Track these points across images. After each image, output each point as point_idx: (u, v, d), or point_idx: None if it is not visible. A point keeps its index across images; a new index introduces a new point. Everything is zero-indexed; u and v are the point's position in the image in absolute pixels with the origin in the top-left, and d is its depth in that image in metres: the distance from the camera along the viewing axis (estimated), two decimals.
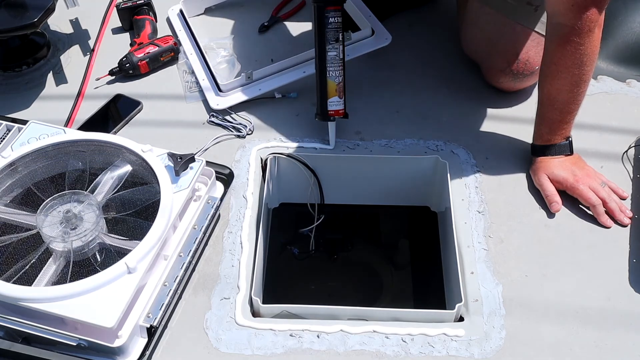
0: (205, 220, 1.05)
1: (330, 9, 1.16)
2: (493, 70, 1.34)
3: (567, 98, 1.12)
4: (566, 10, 1.04)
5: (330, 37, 1.17)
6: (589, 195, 1.13)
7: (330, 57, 1.18)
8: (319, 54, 1.19)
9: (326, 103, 1.20)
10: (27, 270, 0.90)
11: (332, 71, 1.19)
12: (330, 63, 1.19)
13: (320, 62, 1.19)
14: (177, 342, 0.98)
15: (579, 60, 1.08)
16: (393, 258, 1.45)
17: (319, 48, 1.19)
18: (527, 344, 0.98)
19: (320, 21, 1.17)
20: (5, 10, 1.34)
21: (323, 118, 1.22)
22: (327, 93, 1.20)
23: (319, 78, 1.21)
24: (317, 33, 1.18)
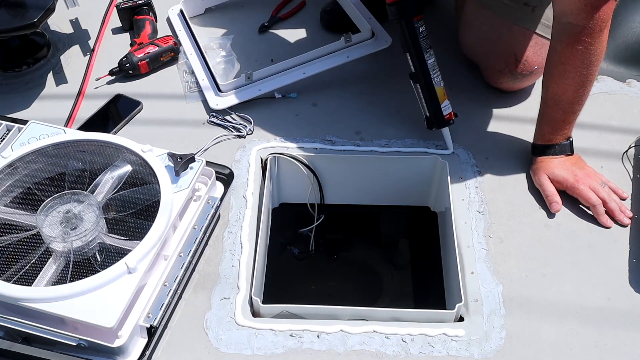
0: (205, 220, 1.05)
1: (417, 19, 1.17)
2: (492, 71, 1.34)
3: (572, 98, 1.12)
4: (578, 10, 1.03)
5: (425, 45, 1.18)
6: (589, 195, 1.13)
7: (431, 64, 1.19)
8: (420, 65, 1.19)
9: (441, 109, 1.20)
10: (27, 270, 0.90)
11: (436, 77, 1.20)
12: (432, 70, 1.19)
13: (425, 73, 1.19)
14: (177, 342, 0.98)
15: (588, 60, 1.07)
16: (393, 258, 1.45)
17: (418, 59, 1.19)
18: (527, 344, 0.98)
19: (412, 34, 1.17)
20: (5, 10, 1.34)
21: (441, 125, 1.22)
22: (438, 99, 1.20)
23: (427, 88, 1.20)
24: (413, 45, 1.18)
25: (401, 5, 1.16)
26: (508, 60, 1.29)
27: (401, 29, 1.18)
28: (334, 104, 1.35)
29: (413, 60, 1.20)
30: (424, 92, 1.21)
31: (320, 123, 1.31)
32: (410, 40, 1.18)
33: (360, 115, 1.33)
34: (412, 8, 1.16)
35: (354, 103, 1.36)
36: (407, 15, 1.16)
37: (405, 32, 1.17)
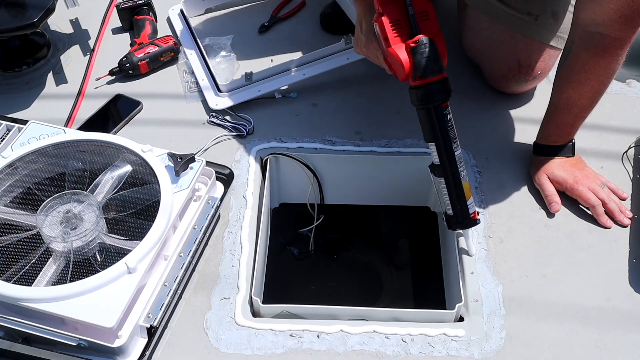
0: (205, 220, 1.05)
1: (445, 105, 1.00)
2: (495, 76, 1.34)
3: (586, 104, 1.11)
4: (611, 22, 0.99)
5: (452, 135, 1.01)
6: (589, 196, 1.13)
7: (458, 155, 1.02)
8: (448, 157, 1.02)
9: (467, 207, 1.04)
10: (27, 270, 0.90)
11: (462, 170, 1.03)
12: (460, 163, 1.02)
13: (451, 166, 1.02)
14: (177, 342, 0.98)
15: (612, 69, 1.06)
16: (393, 258, 1.45)
17: (446, 150, 1.01)
18: (527, 344, 0.98)
19: (441, 122, 1.00)
20: (5, 10, 1.34)
21: (466, 225, 1.05)
22: (465, 196, 1.03)
23: (454, 183, 1.03)
24: (441, 135, 1.01)
25: (430, 89, 0.98)
26: (511, 66, 1.29)
27: (427, 115, 1.00)
28: (334, 104, 1.35)
29: (440, 151, 1.02)
30: (449, 187, 1.03)
31: (320, 123, 1.31)
32: (439, 129, 1.00)
33: (360, 116, 1.33)
34: (442, 92, 0.99)
35: (354, 103, 1.36)
36: (436, 100, 0.99)
37: (433, 120, 1.00)
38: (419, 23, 0.98)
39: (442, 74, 0.98)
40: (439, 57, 0.97)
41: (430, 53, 0.97)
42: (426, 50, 0.96)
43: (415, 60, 0.97)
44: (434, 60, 0.97)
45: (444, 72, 0.98)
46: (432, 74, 0.97)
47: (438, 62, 0.97)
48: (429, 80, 0.97)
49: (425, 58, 0.96)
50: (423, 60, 0.97)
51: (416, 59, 0.97)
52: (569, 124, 1.15)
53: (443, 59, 0.99)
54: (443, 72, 0.98)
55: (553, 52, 1.26)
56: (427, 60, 0.97)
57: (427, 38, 0.97)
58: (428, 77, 0.97)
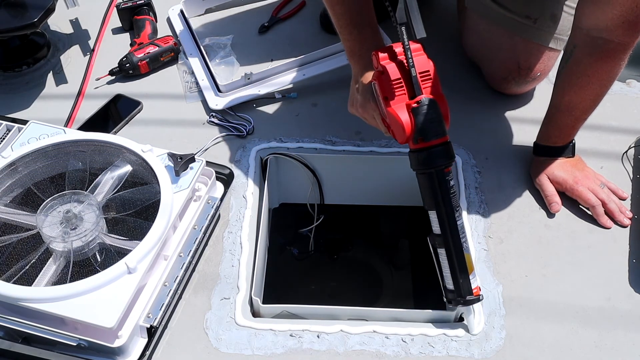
0: (205, 220, 1.05)
1: (447, 170, 0.93)
2: (494, 77, 1.34)
3: (587, 106, 1.11)
4: (615, 27, 0.99)
5: (455, 203, 0.94)
6: (588, 197, 1.13)
7: (460, 225, 0.95)
8: (450, 227, 0.94)
9: (469, 282, 0.95)
10: (27, 270, 0.90)
11: (465, 242, 0.95)
12: (462, 233, 0.95)
13: (454, 237, 0.94)
14: (177, 342, 0.98)
15: (615, 74, 1.06)
16: (393, 258, 1.45)
17: (448, 219, 0.94)
18: (527, 344, 0.98)
19: (443, 188, 0.93)
20: (5, 10, 1.34)
21: (467, 302, 0.96)
22: (467, 270, 0.95)
23: (457, 255, 0.95)
24: (442, 203, 0.93)
25: (432, 153, 0.92)
26: (511, 68, 1.29)
27: (428, 181, 0.94)
28: (334, 104, 1.35)
29: (441, 220, 0.94)
30: (450, 260, 0.95)
31: (320, 123, 1.31)
32: (441, 196, 0.93)
33: None
34: (445, 156, 0.92)
35: None
36: (438, 165, 0.92)
37: (434, 186, 0.93)
38: (421, 83, 0.93)
39: (444, 137, 0.92)
40: (442, 119, 0.92)
41: (433, 114, 0.92)
42: (429, 112, 0.91)
43: (417, 121, 0.92)
44: (436, 122, 0.92)
45: (447, 136, 0.93)
46: (435, 136, 0.92)
47: (441, 124, 0.92)
48: (431, 144, 0.92)
49: (428, 120, 0.91)
50: (425, 122, 0.91)
51: (418, 120, 0.91)
52: (570, 126, 1.15)
53: (446, 121, 0.94)
54: (446, 135, 0.93)
55: (552, 54, 1.26)
56: (430, 122, 0.92)
57: (429, 99, 0.92)
58: (430, 139, 0.92)
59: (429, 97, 0.92)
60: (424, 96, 0.92)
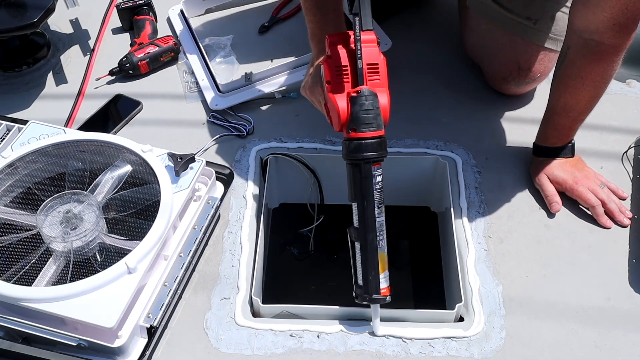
0: (205, 220, 1.05)
1: (376, 165, 0.92)
2: (495, 77, 1.35)
3: (583, 108, 1.11)
4: (606, 29, 0.99)
5: (378, 199, 0.93)
6: (588, 197, 1.13)
7: (379, 223, 0.94)
8: (367, 221, 0.93)
9: (379, 280, 0.95)
10: (27, 270, 0.90)
11: (382, 240, 0.94)
12: (379, 231, 0.94)
13: (369, 232, 0.93)
14: (177, 342, 0.98)
15: (608, 75, 1.06)
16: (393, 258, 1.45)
17: (366, 214, 0.93)
18: (527, 344, 0.98)
19: (367, 182, 0.92)
20: (5, 10, 1.34)
21: (373, 300, 0.95)
22: (379, 268, 0.94)
23: (370, 251, 0.94)
24: (363, 196, 0.93)
25: (361, 144, 0.90)
26: (511, 68, 1.29)
27: (354, 172, 0.93)
28: None
29: (360, 213, 0.94)
30: (363, 255, 0.94)
31: (320, 123, 1.30)
32: (364, 189, 0.92)
33: None
34: (375, 150, 0.91)
35: None
36: (366, 158, 0.91)
37: (359, 178, 0.92)
38: (367, 75, 0.92)
39: (378, 131, 0.91)
40: (379, 114, 0.91)
41: (370, 107, 0.90)
42: (366, 103, 0.90)
43: (353, 111, 0.91)
44: (372, 115, 0.90)
45: (382, 131, 0.91)
46: (367, 128, 0.90)
47: (376, 117, 0.91)
48: (362, 135, 0.90)
49: (364, 111, 0.90)
50: (361, 113, 0.90)
51: (354, 109, 0.91)
52: (567, 127, 1.15)
53: (385, 116, 0.92)
54: (381, 129, 0.91)
55: (553, 55, 1.27)
56: (365, 114, 0.90)
57: (370, 91, 0.91)
58: (362, 131, 0.90)
59: (370, 90, 0.91)
60: (366, 87, 0.91)
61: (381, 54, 0.94)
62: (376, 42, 0.94)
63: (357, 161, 0.92)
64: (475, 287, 1.04)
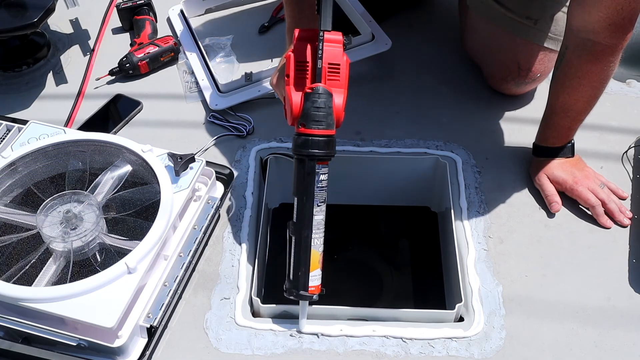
0: (205, 220, 1.05)
1: (322, 163, 0.93)
2: (495, 77, 1.35)
3: (582, 108, 1.11)
4: (602, 29, 1.00)
5: (319, 198, 0.94)
6: (588, 197, 1.13)
7: (317, 221, 0.94)
8: (304, 218, 0.94)
9: (308, 278, 0.95)
10: (27, 270, 0.90)
11: (317, 238, 0.95)
12: (316, 229, 0.94)
13: (305, 229, 0.94)
14: (177, 342, 0.98)
15: (606, 75, 1.06)
16: (393, 258, 1.45)
17: (305, 210, 0.94)
18: (527, 344, 0.98)
19: (309, 178, 0.93)
20: (5, 10, 1.34)
21: (300, 297, 0.95)
22: (309, 265, 0.95)
23: (303, 247, 0.94)
24: (304, 191, 0.94)
25: (308, 141, 0.91)
26: (511, 68, 1.29)
27: (298, 166, 0.94)
28: None
29: (299, 208, 0.95)
30: (297, 249, 0.95)
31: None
32: (306, 185, 0.93)
33: (360, 116, 1.33)
34: (321, 148, 0.91)
35: (354, 103, 1.35)
36: (311, 155, 0.91)
37: (302, 173, 0.93)
38: (326, 74, 0.92)
39: (327, 130, 0.91)
40: (331, 113, 0.91)
41: (322, 105, 0.91)
42: (319, 101, 0.91)
43: (305, 107, 0.91)
44: (323, 113, 0.91)
45: (332, 130, 0.92)
46: (316, 125, 0.91)
47: (328, 117, 0.91)
48: (310, 132, 0.91)
49: (315, 108, 0.91)
50: (312, 109, 0.91)
51: (306, 105, 0.91)
52: (566, 127, 1.15)
53: (338, 117, 0.93)
54: (331, 129, 0.92)
55: (553, 55, 1.26)
56: (316, 111, 0.91)
57: (325, 89, 0.91)
58: (311, 127, 0.91)
59: (326, 89, 0.92)
60: (322, 85, 0.91)
61: (345, 55, 0.94)
62: (342, 44, 0.94)
63: (302, 157, 0.93)
64: (475, 287, 1.04)
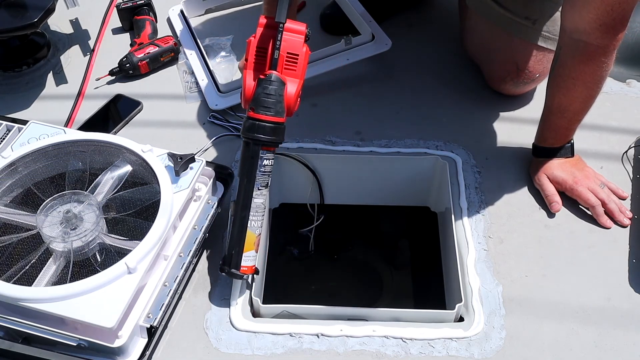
0: (205, 220, 1.05)
1: (267, 149, 0.96)
2: (493, 78, 1.35)
3: (578, 109, 1.12)
4: (593, 30, 1.00)
5: (260, 182, 0.97)
6: (588, 196, 1.13)
7: (256, 204, 0.98)
8: (244, 198, 0.97)
9: (241, 257, 0.98)
10: (27, 271, 0.90)
11: (255, 221, 0.98)
12: (254, 211, 0.98)
13: (243, 209, 0.97)
14: (177, 342, 0.98)
15: (599, 76, 1.06)
16: (393, 258, 1.45)
17: (245, 192, 0.97)
18: (527, 344, 0.98)
19: (252, 161, 0.96)
20: (5, 10, 1.34)
21: (232, 274, 0.99)
22: (243, 246, 0.98)
23: (238, 226, 0.98)
24: (246, 174, 0.97)
25: (255, 125, 0.94)
26: (510, 68, 1.29)
27: (244, 149, 0.96)
28: (334, 104, 1.35)
29: (239, 189, 0.98)
30: (233, 228, 0.99)
31: (320, 123, 1.31)
32: (248, 167, 0.96)
33: (360, 116, 1.33)
34: (267, 134, 0.94)
35: (354, 104, 1.36)
36: (256, 139, 0.94)
37: (246, 156, 0.96)
38: (283, 63, 0.95)
39: (276, 117, 0.94)
40: (281, 101, 0.94)
41: (273, 92, 0.93)
42: (270, 87, 0.93)
43: (256, 92, 0.94)
44: (272, 101, 0.93)
45: (281, 118, 0.94)
46: (264, 112, 0.93)
47: (277, 104, 0.93)
48: (258, 116, 0.93)
49: (266, 94, 0.93)
50: (262, 95, 0.93)
51: (257, 90, 0.94)
52: (564, 127, 1.15)
53: (289, 105, 0.95)
54: (280, 117, 0.94)
55: (551, 56, 1.26)
56: (266, 97, 0.93)
57: (278, 77, 0.93)
58: (259, 112, 0.93)
59: (279, 77, 0.94)
60: (275, 73, 0.93)
61: (305, 47, 0.96)
62: (304, 35, 0.96)
63: (248, 140, 0.95)
64: (475, 287, 1.04)
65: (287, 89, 0.94)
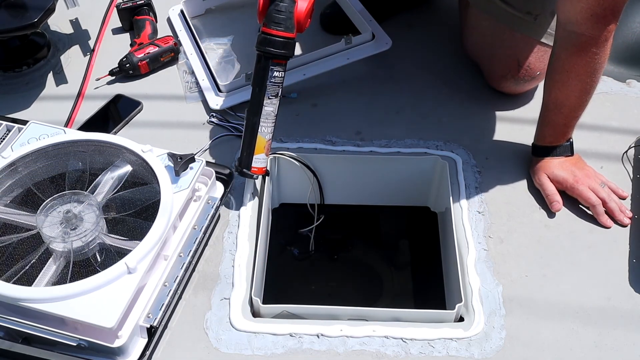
0: (205, 220, 1.05)
1: (277, 62, 1.05)
2: (494, 75, 1.35)
3: (575, 104, 1.12)
4: (584, 20, 1.01)
5: (270, 91, 1.06)
6: (589, 195, 1.13)
7: (266, 112, 1.08)
8: (254, 105, 1.08)
9: (252, 159, 1.10)
10: (27, 271, 0.90)
11: (265, 127, 1.09)
12: (264, 118, 1.08)
13: (254, 115, 1.08)
14: (177, 342, 0.98)
15: (592, 69, 1.07)
16: (393, 258, 1.45)
17: (256, 99, 1.07)
18: (527, 344, 0.98)
19: (263, 72, 1.06)
20: (5, 10, 1.34)
21: (244, 174, 1.11)
22: (254, 149, 1.10)
23: (249, 130, 1.09)
24: (258, 83, 1.07)
25: (266, 39, 1.03)
26: (511, 65, 1.29)
27: (257, 61, 1.06)
28: (334, 104, 1.35)
29: (252, 96, 1.08)
30: (245, 133, 1.10)
31: (320, 123, 1.31)
32: (259, 78, 1.06)
33: (360, 116, 1.33)
34: (276, 47, 1.03)
35: (354, 103, 1.36)
36: (268, 52, 1.04)
37: (258, 67, 1.06)
38: None
39: (286, 33, 1.03)
40: (291, 17, 1.02)
41: (283, 9, 1.02)
42: (281, 4, 1.02)
43: (269, 8, 1.03)
44: (283, 17, 1.02)
45: (291, 33, 1.03)
46: (275, 27, 1.03)
47: (287, 20, 1.02)
48: (269, 31, 1.03)
49: (277, 11, 1.02)
50: (274, 11, 1.02)
51: (270, 7, 1.03)
52: (562, 124, 1.15)
53: (299, 21, 1.03)
54: (290, 32, 1.03)
55: None
56: (277, 14, 1.02)
57: None
58: (270, 28, 1.03)
59: None
60: None
61: None
62: None
63: (260, 53, 1.05)
64: (475, 287, 1.04)
65: (298, 6, 1.03)
